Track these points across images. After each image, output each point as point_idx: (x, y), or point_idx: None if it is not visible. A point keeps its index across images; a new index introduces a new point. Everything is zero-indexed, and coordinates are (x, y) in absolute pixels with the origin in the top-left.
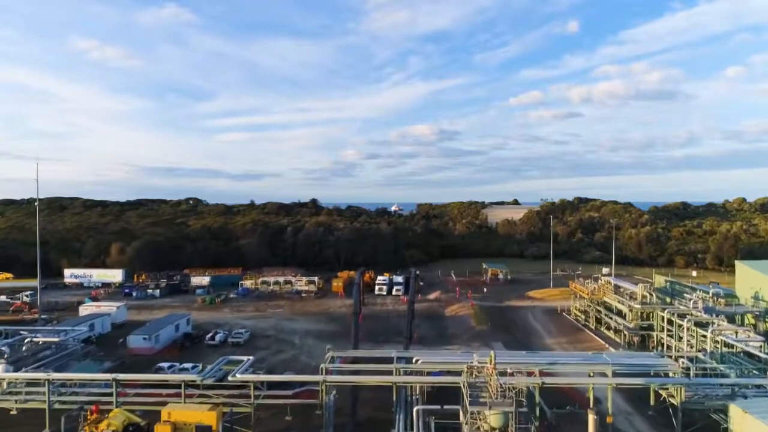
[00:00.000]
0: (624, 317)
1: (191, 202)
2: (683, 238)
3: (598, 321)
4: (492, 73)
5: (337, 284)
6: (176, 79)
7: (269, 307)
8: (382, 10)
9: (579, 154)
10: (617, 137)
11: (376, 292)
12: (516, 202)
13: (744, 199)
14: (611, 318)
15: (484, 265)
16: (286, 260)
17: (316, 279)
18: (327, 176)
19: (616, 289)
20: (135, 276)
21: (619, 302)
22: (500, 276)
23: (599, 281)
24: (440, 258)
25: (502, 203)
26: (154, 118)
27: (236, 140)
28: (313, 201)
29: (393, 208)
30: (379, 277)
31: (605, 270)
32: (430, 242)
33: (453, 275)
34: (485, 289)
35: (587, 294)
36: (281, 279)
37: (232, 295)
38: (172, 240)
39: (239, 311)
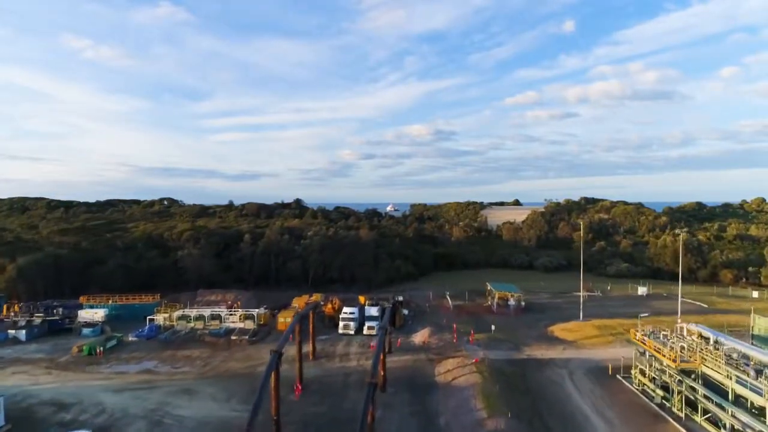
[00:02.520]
0: (754, 412)
1: (165, 203)
2: (712, 244)
3: (691, 404)
4: (488, 73)
5: (284, 320)
6: (172, 78)
7: (174, 361)
8: (378, 9)
9: (575, 154)
10: (613, 137)
11: (341, 331)
12: (517, 203)
13: (764, 200)
14: (724, 409)
15: (489, 287)
16: (241, 277)
17: (255, 313)
18: (324, 176)
19: (728, 356)
20: (5, 307)
21: (740, 383)
22: (511, 302)
23: (685, 335)
24: (434, 269)
25: (502, 204)
26: (150, 118)
27: (233, 140)
28: (297, 201)
29: (388, 209)
30: (346, 309)
31: (642, 289)
32: (422, 251)
33: (448, 297)
34: (493, 327)
35: (672, 360)
36: (207, 312)
37: (131, 338)
38: (86, 252)
39: (121, 371)
